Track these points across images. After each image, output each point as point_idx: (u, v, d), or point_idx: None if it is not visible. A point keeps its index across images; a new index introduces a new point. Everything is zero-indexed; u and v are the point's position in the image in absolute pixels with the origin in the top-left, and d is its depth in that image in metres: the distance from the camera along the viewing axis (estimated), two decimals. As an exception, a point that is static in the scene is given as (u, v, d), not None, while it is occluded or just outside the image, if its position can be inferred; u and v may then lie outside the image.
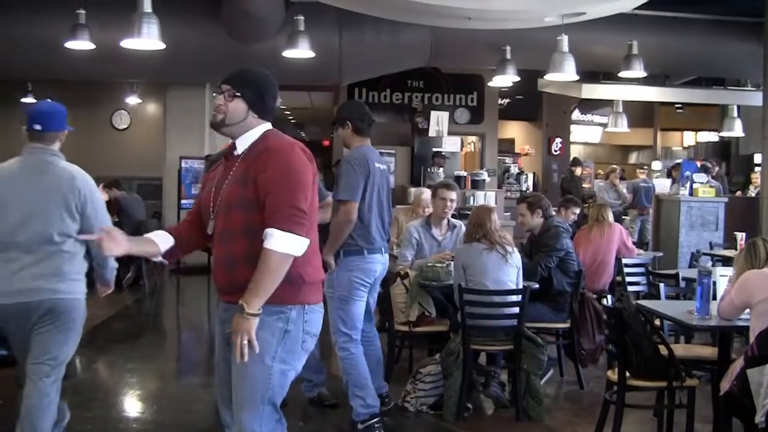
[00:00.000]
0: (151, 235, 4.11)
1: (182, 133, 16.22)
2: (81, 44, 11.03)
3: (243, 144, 4.04)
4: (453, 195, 8.03)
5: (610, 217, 9.96)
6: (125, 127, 20.18)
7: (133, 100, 19.53)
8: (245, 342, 3.76)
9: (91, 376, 8.51)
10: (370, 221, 6.44)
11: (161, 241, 4.10)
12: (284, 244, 3.78)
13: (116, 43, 9.84)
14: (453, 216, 8.37)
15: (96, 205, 5.16)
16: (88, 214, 5.09)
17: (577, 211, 10.03)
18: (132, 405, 7.64)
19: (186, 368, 9.51)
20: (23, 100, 19.56)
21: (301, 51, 11.47)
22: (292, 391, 4.58)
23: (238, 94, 4.00)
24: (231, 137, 4.08)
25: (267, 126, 4.09)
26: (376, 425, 6.38)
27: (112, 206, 14.01)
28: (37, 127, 5.12)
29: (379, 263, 6.58)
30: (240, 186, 3.90)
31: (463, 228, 8.15)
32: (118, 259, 5.20)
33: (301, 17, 11.43)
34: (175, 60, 12.87)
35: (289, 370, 4.04)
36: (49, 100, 5.74)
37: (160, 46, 9.51)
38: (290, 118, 29.14)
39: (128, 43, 9.44)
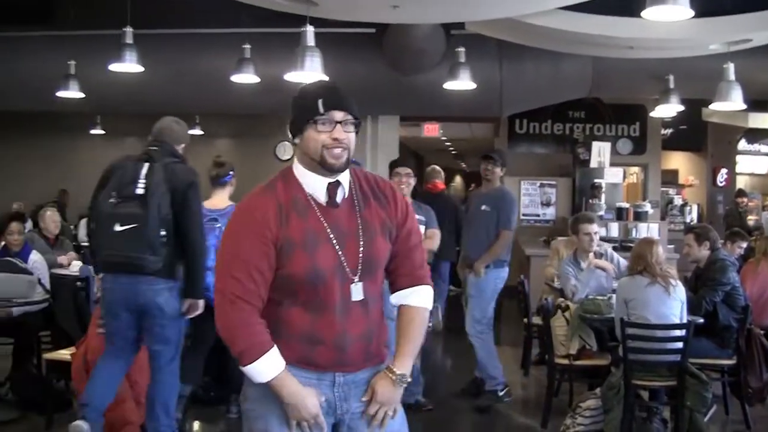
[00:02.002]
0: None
1: (344, 163, 16.44)
2: (246, 78, 11.31)
3: (345, 184, 3.31)
4: (595, 228, 8.17)
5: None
6: (288, 157, 20.56)
7: (296, 131, 19.92)
8: (390, 413, 3.38)
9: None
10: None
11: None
12: (431, 300, 3.50)
13: (280, 76, 10.05)
14: (614, 249, 8.41)
15: None
16: None
17: (744, 245, 9.77)
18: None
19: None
20: (190, 132, 20.19)
21: (462, 82, 11.46)
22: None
23: (359, 121, 3.30)
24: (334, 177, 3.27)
25: None
26: (506, 389, 8.49)
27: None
28: None
29: None
30: (384, 241, 3.35)
31: (611, 252, 8.24)
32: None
33: (462, 48, 11.44)
34: (337, 92, 13.04)
35: None
36: None
37: (323, 78, 9.68)
38: (450, 149, 29.21)
39: (292, 76, 9.64)
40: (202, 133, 20.36)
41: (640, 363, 6.68)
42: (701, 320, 7.29)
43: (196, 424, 7.72)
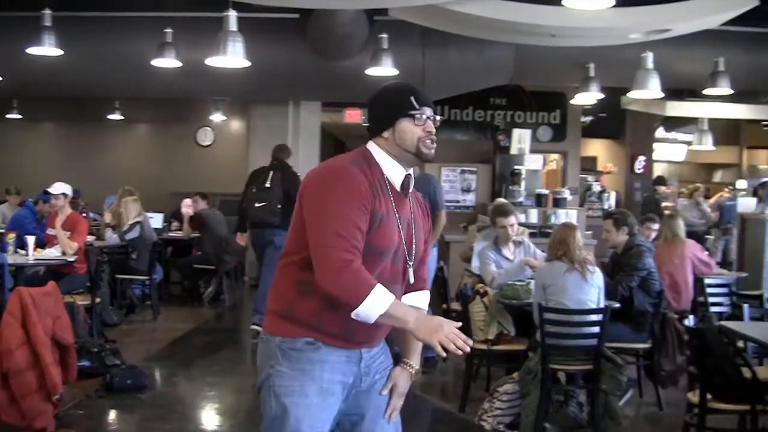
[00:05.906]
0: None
1: (265, 150, 16.27)
2: (167, 62, 11.22)
3: (409, 180, 3.51)
4: (512, 220, 8.20)
5: (682, 233, 9.77)
6: (209, 143, 20.40)
7: (217, 117, 19.73)
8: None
9: (171, 389, 8.68)
10: None
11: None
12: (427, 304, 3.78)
13: (202, 61, 9.99)
14: (532, 234, 8.51)
15: None
16: None
17: (656, 227, 9.92)
18: (210, 418, 7.75)
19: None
20: (110, 116, 19.93)
21: (385, 69, 11.46)
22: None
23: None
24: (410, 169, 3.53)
25: None
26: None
27: (196, 221, 14.16)
28: None
29: None
30: (425, 240, 3.64)
31: (528, 242, 8.32)
32: (201, 273, 6.20)
33: (385, 35, 11.45)
34: (259, 77, 13.00)
35: None
36: None
37: (245, 64, 9.62)
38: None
39: (213, 61, 9.58)
40: (122, 118, 20.08)
41: (558, 347, 6.76)
42: (617, 305, 7.40)
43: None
